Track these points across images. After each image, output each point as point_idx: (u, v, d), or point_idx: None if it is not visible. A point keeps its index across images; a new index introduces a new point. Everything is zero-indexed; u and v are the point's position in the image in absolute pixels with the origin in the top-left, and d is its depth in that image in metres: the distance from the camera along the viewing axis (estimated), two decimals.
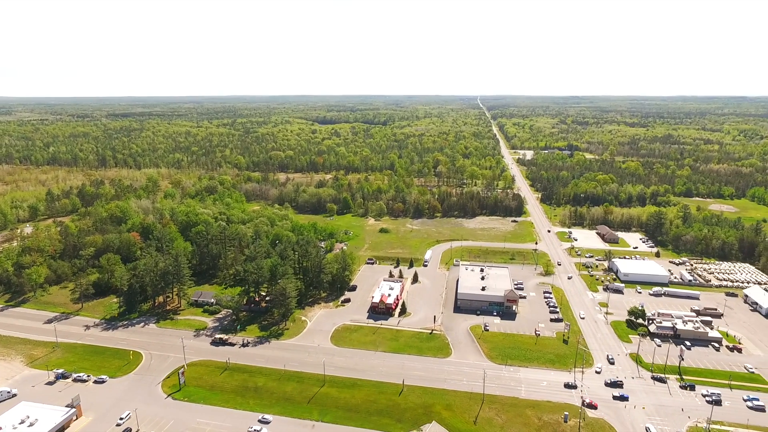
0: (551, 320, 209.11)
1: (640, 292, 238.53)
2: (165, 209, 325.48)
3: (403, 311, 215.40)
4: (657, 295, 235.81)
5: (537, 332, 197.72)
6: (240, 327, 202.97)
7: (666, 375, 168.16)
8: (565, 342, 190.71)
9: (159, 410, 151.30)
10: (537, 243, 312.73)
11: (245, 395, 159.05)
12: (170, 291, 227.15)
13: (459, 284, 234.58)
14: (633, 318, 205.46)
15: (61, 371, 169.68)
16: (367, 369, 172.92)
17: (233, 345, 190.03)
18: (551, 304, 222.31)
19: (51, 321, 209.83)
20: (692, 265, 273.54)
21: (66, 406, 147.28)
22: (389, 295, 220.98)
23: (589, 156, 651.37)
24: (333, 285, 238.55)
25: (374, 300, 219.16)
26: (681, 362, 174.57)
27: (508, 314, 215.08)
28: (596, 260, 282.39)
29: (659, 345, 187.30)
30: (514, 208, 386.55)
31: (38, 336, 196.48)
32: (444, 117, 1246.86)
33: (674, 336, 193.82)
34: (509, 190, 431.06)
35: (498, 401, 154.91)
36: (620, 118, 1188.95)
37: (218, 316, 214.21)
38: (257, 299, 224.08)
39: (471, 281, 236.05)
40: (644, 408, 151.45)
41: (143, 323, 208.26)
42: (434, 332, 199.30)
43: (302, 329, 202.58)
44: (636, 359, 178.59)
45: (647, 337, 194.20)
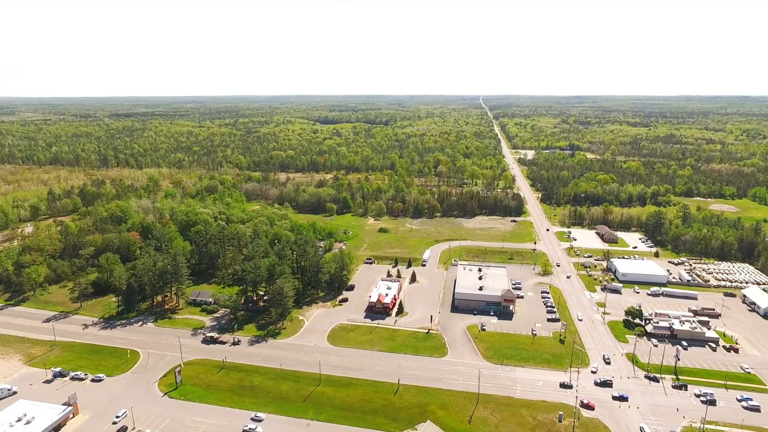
0: (548, 320, 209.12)
1: (638, 292, 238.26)
2: (165, 209, 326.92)
3: (401, 311, 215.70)
4: (655, 295, 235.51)
5: (534, 332, 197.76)
6: (237, 326, 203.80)
7: (662, 375, 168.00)
8: (562, 342, 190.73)
9: (155, 408, 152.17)
10: (536, 243, 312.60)
11: (241, 394, 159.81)
12: (169, 290, 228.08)
13: (456, 284, 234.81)
14: (630, 318, 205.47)
15: (59, 370, 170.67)
16: (363, 368, 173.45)
17: (224, 343, 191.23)
18: (548, 304, 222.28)
19: (50, 320, 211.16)
20: (691, 265, 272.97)
21: (63, 405, 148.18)
22: (387, 295, 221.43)
23: (591, 156, 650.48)
24: (331, 284, 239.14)
25: (371, 299, 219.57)
26: (677, 362, 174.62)
27: (505, 314, 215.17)
28: (595, 260, 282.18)
29: (656, 345, 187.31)
30: (514, 208, 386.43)
31: (37, 335, 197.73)
32: (446, 117, 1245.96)
33: (671, 336, 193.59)
34: (509, 190, 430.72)
35: (493, 401, 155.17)
36: (623, 118, 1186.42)
37: (216, 316, 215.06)
38: (255, 299, 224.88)
39: (468, 281, 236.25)
40: (638, 408, 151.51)
41: (141, 322, 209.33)
42: (431, 332, 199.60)
43: (299, 328, 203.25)
44: (632, 359, 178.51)
45: (644, 337, 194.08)
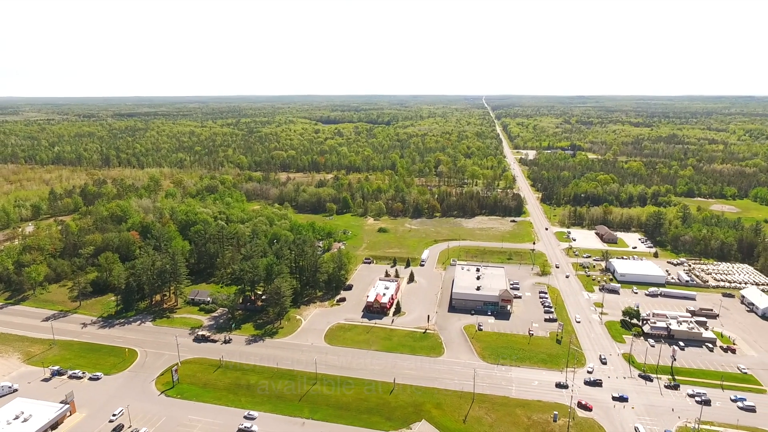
0: (545, 320, 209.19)
1: (636, 293, 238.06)
2: (165, 208, 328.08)
3: (398, 310, 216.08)
4: (653, 296, 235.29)
5: (530, 332, 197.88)
6: (235, 325, 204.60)
7: (658, 375, 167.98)
8: (559, 342, 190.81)
9: (152, 407, 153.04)
10: (535, 243, 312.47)
11: (237, 393, 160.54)
12: (167, 289, 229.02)
13: (454, 284, 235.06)
14: (627, 318, 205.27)
15: (57, 368, 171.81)
16: (359, 368, 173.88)
17: (215, 341, 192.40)
18: (546, 304, 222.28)
19: (49, 319, 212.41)
20: (690, 266, 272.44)
21: (60, 403, 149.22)
22: (384, 295, 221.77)
23: (592, 156, 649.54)
24: (329, 284, 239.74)
25: (369, 299, 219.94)
26: (673, 362, 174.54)
27: (503, 314, 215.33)
28: (593, 260, 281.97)
29: (652, 345, 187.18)
30: (514, 208, 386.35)
31: (36, 333, 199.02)
32: (448, 117, 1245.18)
33: (668, 336, 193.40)
34: (509, 190, 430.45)
35: (488, 400, 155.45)
36: (625, 118, 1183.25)
37: (214, 315, 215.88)
38: (253, 298, 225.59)
39: (466, 281, 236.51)
40: (633, 408, 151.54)
41: (140, 321, 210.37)
42: (428, 331, 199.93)
43: (296, 328, 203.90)
44: (629, 359, 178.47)
45: (641, 338, 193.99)
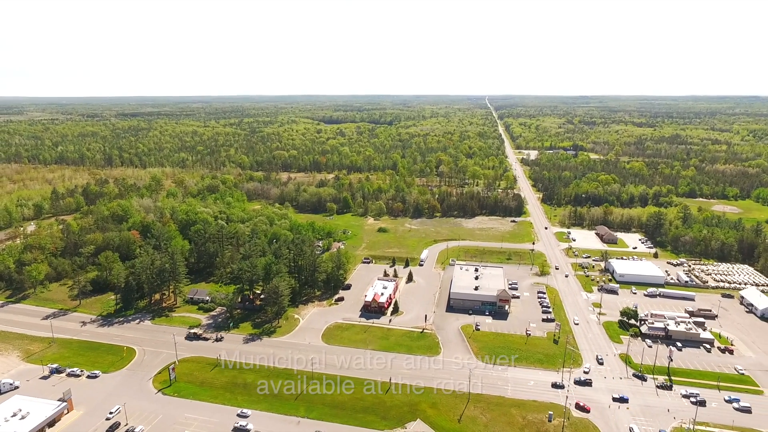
0: (543, 320, 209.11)
1: (635, 293, 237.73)
2: (166, 208, 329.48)
3: (396, 310, 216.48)
4: (652, 296, 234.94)
5: (528, 332, 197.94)
6: (233, 324, 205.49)
7: (654, 376, 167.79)
8: (556, 342, 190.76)
9: (148, 405, 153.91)
10: (534, 243, 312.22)
11: (234, 391, 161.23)
12: (166, 288, 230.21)
13: (452, 284, 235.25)
14: (625, 319, 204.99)
15: (56, 366, 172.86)
16: (356, 367, 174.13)
17: (207, 340, 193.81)
18: (544, 304, 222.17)
19: (49, 317, 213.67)
20: (690, 266, 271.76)
21: (58, 400, 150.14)
22: (382, 294, 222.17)
23: (594, 156, 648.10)
24: (327, 284, 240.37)
25: (367, 299, 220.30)
26: (670, 363, 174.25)
27: (501, 314, 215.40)
28: (593, 261, 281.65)
29: (650, 346, 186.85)
30: (514, 208, 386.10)
31: (35, 331, 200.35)
32: (450, 117, 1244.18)
33: (665, 337, 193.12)
34: (510, 190, 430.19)
35: (484, 400, 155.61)
36: (628, 118, 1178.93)
37: (213, 314, 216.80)
38: (252, 297, 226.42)
39: (464, 281, 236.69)
40: (629, 408, 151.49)
41: (139, 320, 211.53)
42: (425, 331, 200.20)
43: (294, 327, 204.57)
44: (625, 360, 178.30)
45: (638, 338, 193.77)
